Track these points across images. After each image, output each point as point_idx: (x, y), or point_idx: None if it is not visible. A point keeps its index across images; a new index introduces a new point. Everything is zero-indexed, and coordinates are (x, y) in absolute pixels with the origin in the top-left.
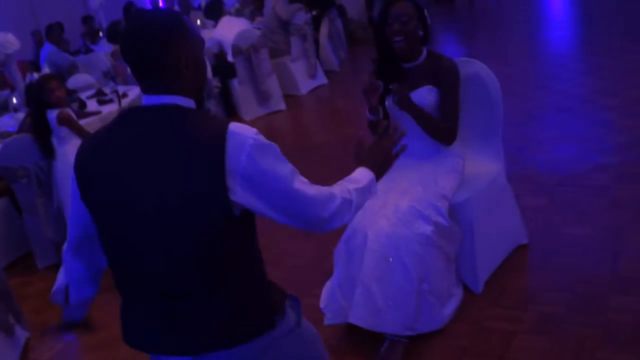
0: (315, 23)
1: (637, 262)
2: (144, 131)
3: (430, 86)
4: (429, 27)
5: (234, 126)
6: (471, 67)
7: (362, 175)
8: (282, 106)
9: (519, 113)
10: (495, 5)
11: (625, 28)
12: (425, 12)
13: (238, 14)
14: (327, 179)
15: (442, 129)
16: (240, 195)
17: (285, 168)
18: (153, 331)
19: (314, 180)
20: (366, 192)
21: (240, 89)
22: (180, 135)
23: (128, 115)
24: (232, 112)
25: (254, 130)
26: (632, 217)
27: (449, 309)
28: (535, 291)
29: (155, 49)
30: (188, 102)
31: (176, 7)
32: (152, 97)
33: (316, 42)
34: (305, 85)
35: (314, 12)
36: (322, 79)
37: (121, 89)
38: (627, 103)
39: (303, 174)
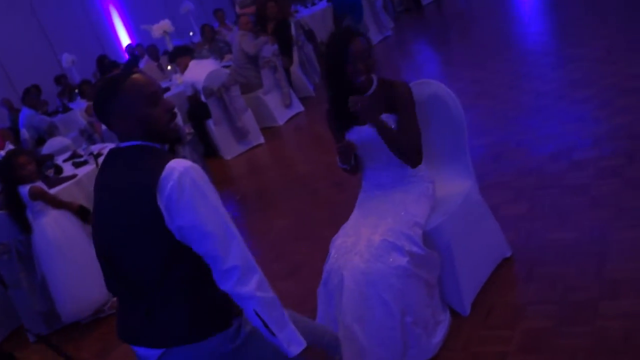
0: (285, 50)
1: (622, 262)
2: (111, 168)
3: (387, 114)
4: (375, 56)
5: (173, 162)
6: (429, 88)
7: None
8: (261, 139)
9: (494, 117)
10: (465, 7)
11: (593, 17)
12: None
13: (199, 56)
14: (315, 209)
15: (406, 145)
16: (168, 222)
17: (210, 200)
18: (132, 326)
19: (304, 210)
20: (276, 309)
21: (217, 130)
22: (130, 170)
23: (107, 155)
24: (212, 154)
25: (189, 163)
26: (613, 214)
27: (437, 337)
28: (523, 306)
29: (106, 105)
30: (149, 145)
31: (146, 55)
32: (121, 143)
33: (287, 70)
34: (281, 115)
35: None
36: (298, 107)
37: (97, 147)
38: (600, 93)
39: (291, 206)
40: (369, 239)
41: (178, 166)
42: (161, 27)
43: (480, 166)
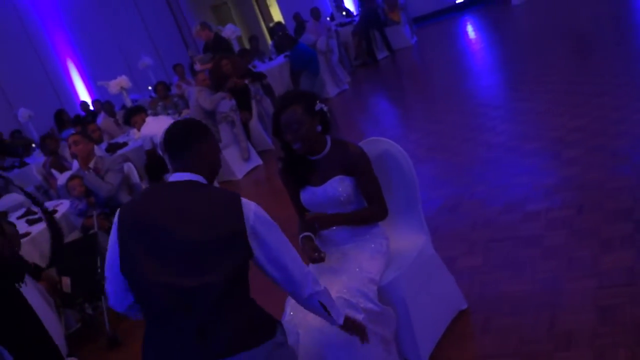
0: (244, 105)
1: (573, 313)
2: (175, 195)
3: (341, 176)
4: (327, 118)
5: (242, 198)
6: (380, 146)
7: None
8: None
9: (448, 170)
10: (418, 61)
11: (538, 71)
12: (319, 105)
13: (153, 113)
14: None
15: (369, 216)
16: (252, 239)
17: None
18: (182, 347)
19: None
20: (329, 296)
21: None
22: (202, 197)
23: (159, 186)
24: None
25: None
26: (565, 264)
27: None
28: (480, 359)
29: (191, 142)
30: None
31: (102, 112)
32: (181, 175)
33: (245, 125)
34: (240, 169)
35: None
36: (257, 160)
37: (51, 204)
38: (548, 145)
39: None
40: None
41: (248, 201)
42: (118, 84)
43: (435, 218)
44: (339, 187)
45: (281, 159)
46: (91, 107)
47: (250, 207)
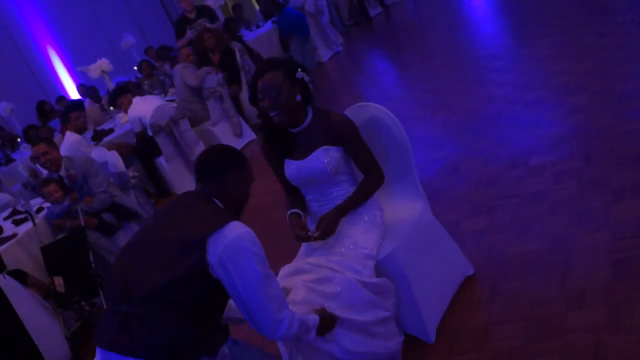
0: (233, 79)
1: (586, 269)
2: (181, 199)
3: (326, 146)
4: (308, 87)
5: (236, 223)
6: (368, 111)
7: (310, 319)
8: None
9: (448, 129)
10: (413, 16)
11: (541, 17)
12: (300, 73)
13: (141, 93)
14: (272, 244)
15: (371, 187)
16: (214, 261)
17: (259, 270)
18: (111, 332)
19: (263, 245)
20: (307, 330)
21: (169, 167)
22: (193, 204)
23: (183, 195)
24: (164, 193)
25: (251, 235)
26: (575, 219)
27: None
28: (490, 327)
29: (225, 170)
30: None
31: (87, 99)
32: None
33: (236, 99)
34: (233, 145)
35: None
36: (250, 135)
37: (36, 202)
38: (552, 94)
39: None
40: (320, 279)
41: (239, 227)
42: (98, 67)
43: (436, 181)
44: (324, 158)
45: (261, 133)
46: (74, 97)
47: (232, 230)
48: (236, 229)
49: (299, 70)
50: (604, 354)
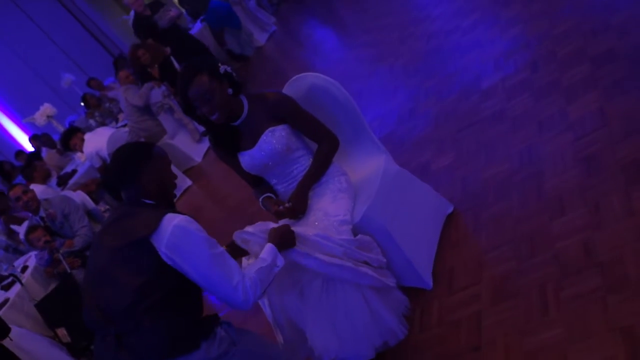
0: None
1: (558, 175)
2: (115, 214)
3: (271, 127)
4: (234, 78)
5: (169, 216)
6: (305, 82)
7: (267, 253)
8: (188, 182)
9: (396, 76)
10: None
11: None
12: (223, 67)
13: (89, 129)
14: None
15: (326, 155)
16: (165, 256)
17: (204, 251)
18: (110, 355)
19: None
20: (271, 267)
21: None
22: (131, 210)
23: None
24: None
25: (187, 220)
26: (536, 129)
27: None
28: (482, 256)
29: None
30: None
31: (43, 147)
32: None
33: None
34: (196, 152)
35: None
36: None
37: (20, 261)
38: (485, 14)
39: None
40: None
41: (173, 218)
42: (43, 114)
43: (397, 130)
44: (272, 139)
45: (208, 135)
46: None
47: (168, 223)
48: (171, 221)
49: (220, 64)
50: (595, 249)
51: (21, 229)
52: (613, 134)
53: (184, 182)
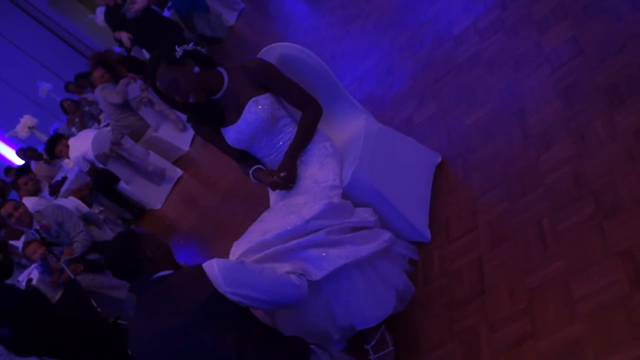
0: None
1: (540, 110)
2: (142, 302)
3: (254, 97)
4: (200, 53)
5: (206, 264)
6: (275, 52)
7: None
8: (179, 172)
9: (369, 35)
10: None
11: None
12: (178, 49)
13: (72, 133)
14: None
15: (311, 121)
16: (231, 294)
17: (245, 265)
18: None
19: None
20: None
21: (133, 188)
22: (163, 290)
23: (140, 302)
24: (140, 213)
25: (225, 263)
26: (513, 67)
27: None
28: (475, 202)
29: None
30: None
31: (31, 160)
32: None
33: None
34: (183, 141)
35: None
36: None
37: (24, 275)
38: None
39: (235, 222)
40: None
41: (214, 264)
42: (24, 126)
43: (376, 89)
44: (256, 109)
45: (188, 116)
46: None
47: (210, 265)
48: (211, 266)
49: (176, 47)
50: (585, 178)
51: (20, 244)
52: (589, 60)
53: (174, 172)
